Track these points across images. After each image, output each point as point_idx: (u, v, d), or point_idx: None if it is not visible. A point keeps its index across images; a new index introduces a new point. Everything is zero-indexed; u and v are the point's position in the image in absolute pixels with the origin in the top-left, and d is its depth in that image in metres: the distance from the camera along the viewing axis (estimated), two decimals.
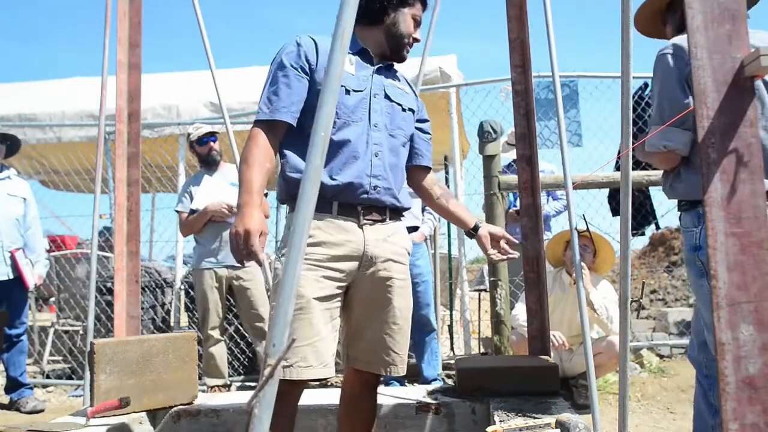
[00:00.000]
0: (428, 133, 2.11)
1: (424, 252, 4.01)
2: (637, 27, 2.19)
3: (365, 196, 1.81)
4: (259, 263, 1.63)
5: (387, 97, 1.89)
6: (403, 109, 1.93)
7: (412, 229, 3.94)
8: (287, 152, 1.82)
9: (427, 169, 2.10)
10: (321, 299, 1.73)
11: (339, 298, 1.81)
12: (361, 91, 1.83)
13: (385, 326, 1.86)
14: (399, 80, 1.99)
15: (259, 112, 1.78)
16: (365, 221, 1.82)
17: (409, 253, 1.97)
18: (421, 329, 3.96)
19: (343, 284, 1.80)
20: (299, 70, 1.79)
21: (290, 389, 1.70)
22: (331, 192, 1.75)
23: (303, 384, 1.74)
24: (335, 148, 1.78)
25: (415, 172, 2.10)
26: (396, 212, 1.92)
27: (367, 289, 1.85)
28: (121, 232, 2.92)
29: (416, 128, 2.06)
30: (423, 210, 4.04)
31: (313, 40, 1.84)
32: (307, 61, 1.80)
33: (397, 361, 1.88)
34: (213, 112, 5.52)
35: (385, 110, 1.88)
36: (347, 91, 1.79)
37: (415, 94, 2.06)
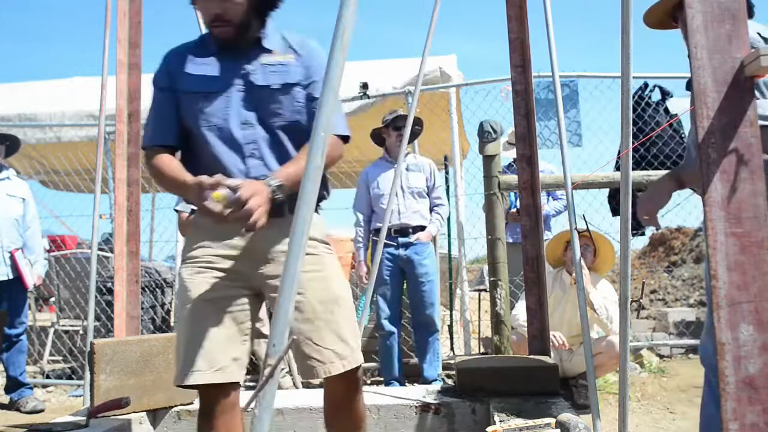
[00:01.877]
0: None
1: (431, 252, 4.02)
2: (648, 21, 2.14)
3: None
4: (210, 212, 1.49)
5: (249, 84, 1.72)
6: (274, 89, 1.72)
7: (419, 229, 3.94)
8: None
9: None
10: (212, 301, 1.65)
11: (239, 300, 1.70)
12: (217, 92, 1.70)
13: (307, 325, 1.68)
14: (271, 53, 1.75)
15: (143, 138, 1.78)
16: None
17: (323, 242, 1.79)
18: (425, 329, 3.97)
19: (238, 284, 1.70)
20: (164, 89, 1.75)
21: (200, 396, 1.65)
22: None
23: (206, 390, 1.64)
24: (203, 159, 1.71)
25: None
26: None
27: (274, 288, 1.71)
28: (121, 232, 2.92)
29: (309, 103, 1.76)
30: (431, 210, 4.04)
31: (176, 48, 1.79)
32: (169, 73, 1.75)
33: (332, 358, 1.68)
34: None
35: (252, 101, 1.71)
36: (199, 96, 1.70)
37: (301, 57, 1.77)
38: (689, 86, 1.92)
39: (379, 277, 3.90)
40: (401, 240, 3.92)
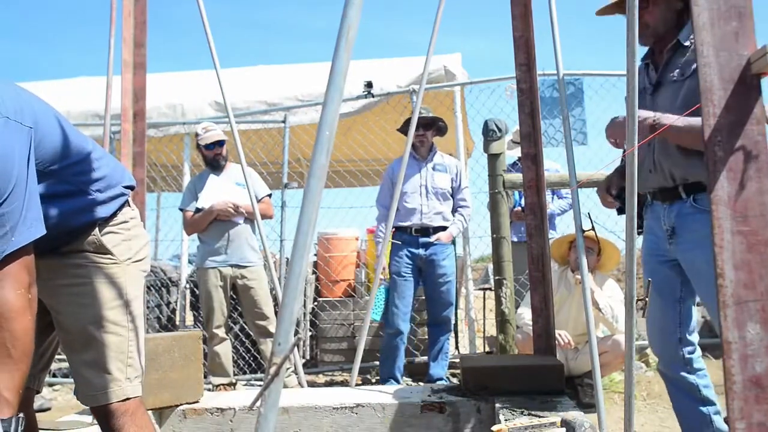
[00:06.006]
0: None
1: (451, 252, 4.02)
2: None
3: None
4: None
5: None
6: None
7: (440, 230, 3.95)
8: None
9: None
10: None
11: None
12: None
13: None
14: None
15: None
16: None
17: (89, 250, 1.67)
18: (439, 328, 3.98)
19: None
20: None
21: None
22: None
23: None
24: None
25: None
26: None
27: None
28: None
29: None
30: (454, 211, 4.05)
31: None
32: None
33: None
34: (218, 111, 5.53)
35: None
36: None
37: None
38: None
39: (397, 276, 3.92)
40: (422, 240, 3.93)
